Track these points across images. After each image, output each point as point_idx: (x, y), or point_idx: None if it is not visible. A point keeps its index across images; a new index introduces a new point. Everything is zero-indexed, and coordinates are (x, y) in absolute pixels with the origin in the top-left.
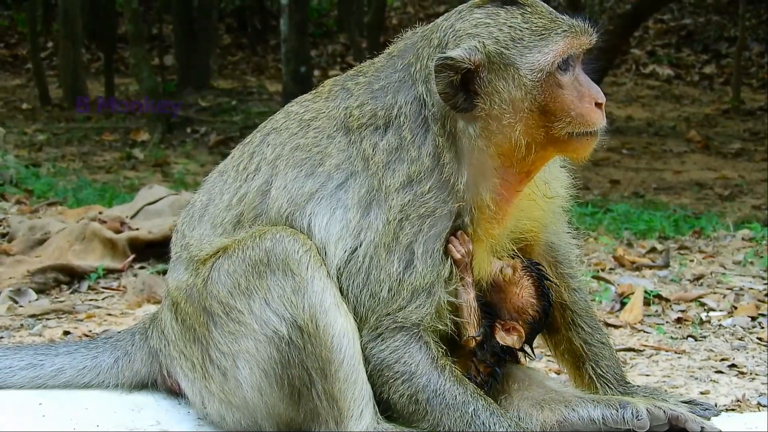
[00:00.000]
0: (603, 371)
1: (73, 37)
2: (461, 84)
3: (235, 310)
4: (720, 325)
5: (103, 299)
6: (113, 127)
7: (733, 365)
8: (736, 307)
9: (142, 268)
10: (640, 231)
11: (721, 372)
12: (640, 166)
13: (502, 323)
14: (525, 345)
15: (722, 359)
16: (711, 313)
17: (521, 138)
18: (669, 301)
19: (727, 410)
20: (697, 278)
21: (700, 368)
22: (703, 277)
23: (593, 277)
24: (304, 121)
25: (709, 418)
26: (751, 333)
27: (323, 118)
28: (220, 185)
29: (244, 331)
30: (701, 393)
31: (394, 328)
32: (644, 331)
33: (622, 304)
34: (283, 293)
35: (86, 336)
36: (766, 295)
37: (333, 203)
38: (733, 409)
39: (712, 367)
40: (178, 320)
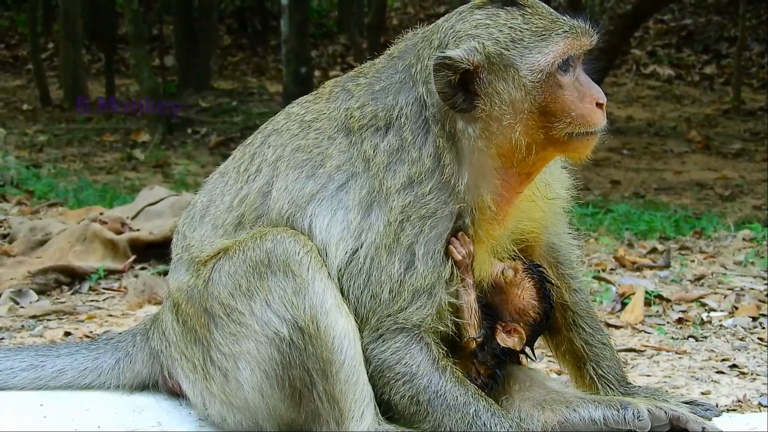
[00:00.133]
0: (604, 372)
1: (74, 37)
2: (460, 84)
3: (236, 311)
4: (721, 326)
5: (104, 300)
6: (114, 128)
7: (734, 365)
8: (737, 308)
9: (143, 269)
10: (641, 231)
11: (722, 372)
12: (641, 167)
13: (503, 325)
14: (526, 347)
15: (723, 359)
16: (712, 314)
17: (521, 139)
18: (670, 301)
19: (728, 410)
20: (698, 278)
21: (701, 368)
22: (703, 278)
23: (594, 278)
24: (305, 123)
25: (710, 419)
26: (752, 333)
27: (324, 120)
28: (221, 186)
29: (245, 332)
30: (702, 393)
31: (395, 329)
32: (645, 332)
33: (623, 305)
34: (284, 294)
35: (87, 337)
36: (767, 296)
37: (334, 204)
38: (734, 410)
39: (713, 367)
40: (179, 321)
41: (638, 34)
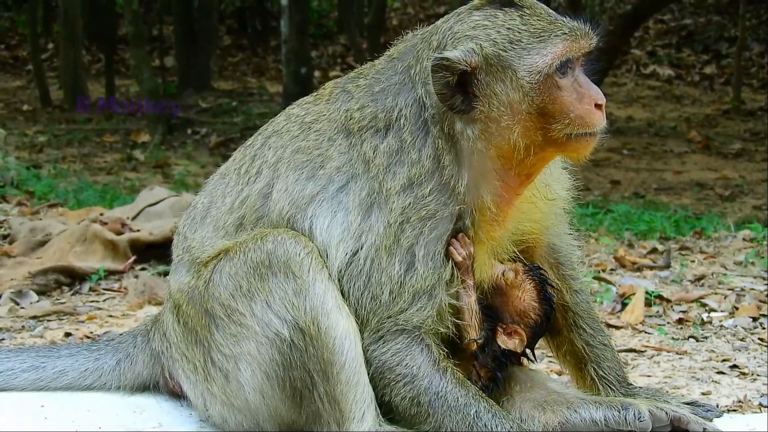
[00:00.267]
0: (605, 373)
1: (74, 38)
2: (459, 85)
3: (237, 313)
4: (721, 326)
5: (104, 301)
6: (114, 129)
7: (735, 366)
8: (737, 308)
9: (143, 269)
10: (641, 231)
11: (723, 373)
12: (641, 167)
13: (504, 327)
14: (527, 349)
15: (723, 360)
16: (712, 314)
17: (520, 140)
18: (670, 301)
19: (728, 411)
20: (698, 279)
21: (701, 369)
22: (704, 278)
23: (594, 278)
24: (305, 124)
25: (711, 420)
26: (752, 334)
27: (324, 121)
28: (222, 188)
29: (246, 334)
30: (703, 394)
31: (396, 330)
32: (645, 332)
33: (623, 305)
34: (284, 295)
35: (87, 337)
36: (767, 296)
37: (334, 206)
38: (734, 410)
39: (713, 367)
40: (180, 322)
41: (638, 34)
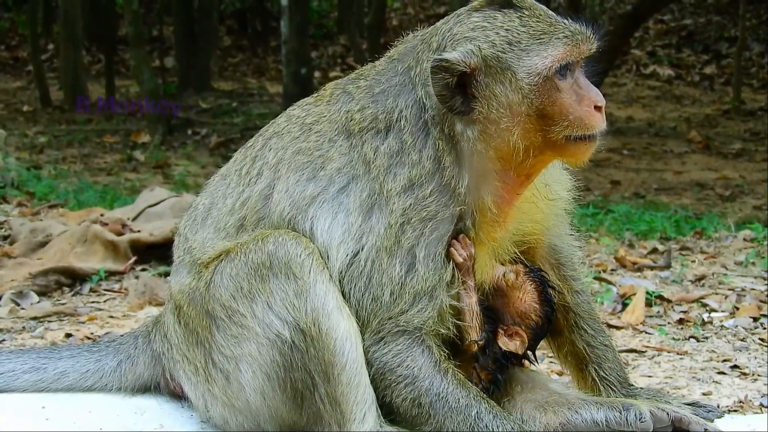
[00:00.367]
0: (606, 373)
1: (74, 39)
2: (458, 87)
3: (238, 314)
4: (722, 326)
5: (104, 301)
6: (114, 129)
7: (736, 366)
8: (737, 308)
9: (143, 270)
10: (642, 232)
11: (724, 373)
12: (641, 167)
13: (505, 328)
14: (528, 351)
15: (724, 360)
16: (713, 314)
17: (519, 141)
18: (671, 302)
19: (729, 411)
20: (699, 279)
21: (702, 369)
22: (704, 278)
23: (595, 278)
24: (306, 125)
25: (712, 420)
26: (753, 334)
27: (325, 122)
28: (223, 189)
29: (247, 335)
30: (703, 394)
31: (396, 331)
32: (646, 332)
33: (624, 305)
34: (285, 297)
35: (88, 338)
36: None
37: (335, 207)
38: (735, 410)
39: (714, 368)
40: (181, 323)
41: (638, 35)
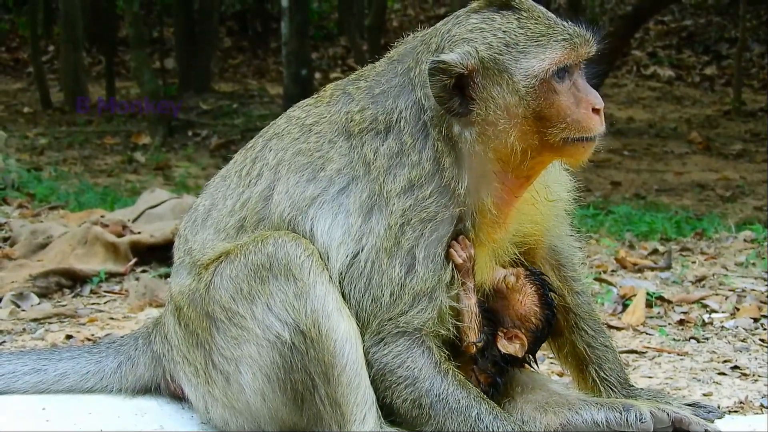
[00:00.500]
0: (606, 374)
1: (74, 40)
2: (456, 88)
3: (238, 315)
4: (722, 327)
5: (105, 303)
6: (114, 131)
7: (736, 367)
8: (738, 309)
9: (144, 271)
10: (642, 233)
11: (724, 374)
12: (642, 168)
13: (505, 331)
14: (528, 354)
15: (725, 361)
16: (713, 315)
17: (517, 143)
18: (671, 302)
19: (729, 412)
20: (699, 280)
21: (702, 370)
22: (705, 279)
23: (595, 279)
24: (306, 126)
25: (712, 421)
26: (753, 334)
27: (325, 123)
28: (223, 190)
29: (247, 336)
30: (704, 395)
31: (396, 332)
32: (646, 333)
33: (625, 306)
34: (285, 298)
35: (89, 340)
36: None
37: (335, 208)
38: (736, 411)
39: (714, 368)
40: (181, 325)
41: (639, 36)
